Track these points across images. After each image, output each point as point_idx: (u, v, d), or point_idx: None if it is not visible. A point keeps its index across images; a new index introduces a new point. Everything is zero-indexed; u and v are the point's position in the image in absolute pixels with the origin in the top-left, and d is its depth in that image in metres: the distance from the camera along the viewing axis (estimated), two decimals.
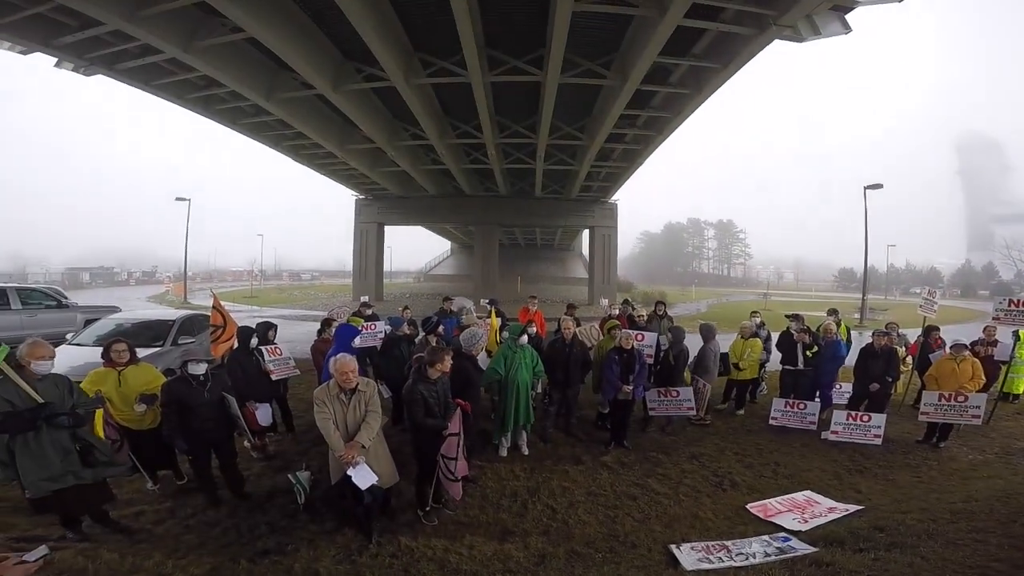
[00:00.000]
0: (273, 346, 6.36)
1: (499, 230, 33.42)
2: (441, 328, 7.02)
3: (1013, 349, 8.14)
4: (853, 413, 6.67)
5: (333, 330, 7.01)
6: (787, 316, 8.31)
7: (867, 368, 7.12)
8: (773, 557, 3.61)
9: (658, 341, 7.39)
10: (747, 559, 3.61)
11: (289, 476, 4.54)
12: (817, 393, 7.38)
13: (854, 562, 3.29)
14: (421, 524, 4.31)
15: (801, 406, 7.03)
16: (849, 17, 11.06)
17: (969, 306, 38.01)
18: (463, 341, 5.46)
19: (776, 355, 8.02)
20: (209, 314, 7.28)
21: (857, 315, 22.70)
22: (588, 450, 6.15)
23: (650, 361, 7.16)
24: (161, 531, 4.14)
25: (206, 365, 4.62)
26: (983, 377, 6.68)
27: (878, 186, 22.60)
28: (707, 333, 7.46)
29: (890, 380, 7.09)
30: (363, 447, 3.91)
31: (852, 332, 9.37)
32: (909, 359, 8.72)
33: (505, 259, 38.09)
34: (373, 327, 7.19)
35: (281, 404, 6.55)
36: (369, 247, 31.64)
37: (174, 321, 8.47)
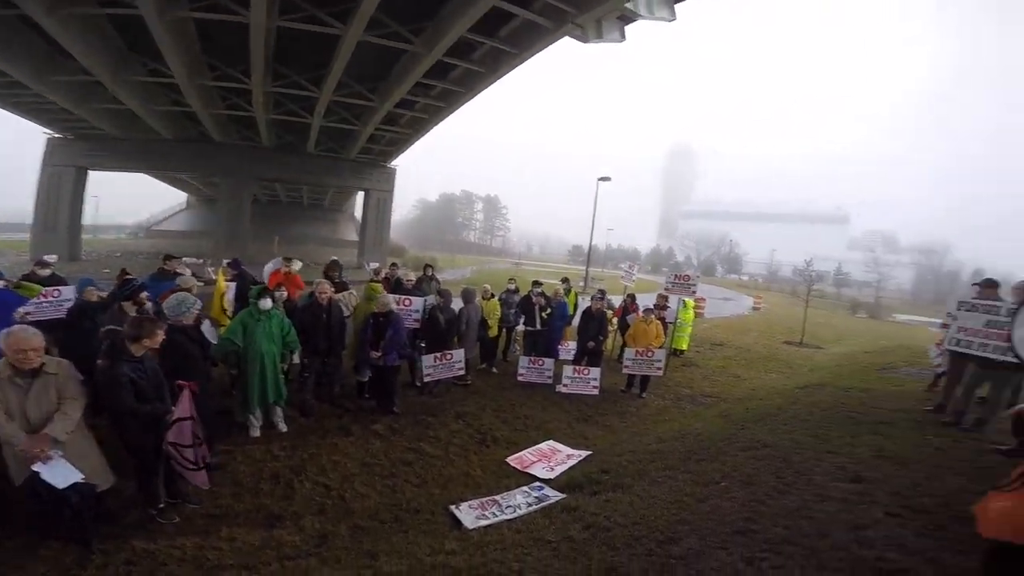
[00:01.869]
0: None
1: (255, 184, 29.33)
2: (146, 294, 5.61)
3: (677, 313, 10.56)
4: (577, 368, 7.95)
5: None
6: (534, 283, 9.24)
7: (587, 328, 8.44)
8: (535, 506, 4.06)
9: (424, 304, 7.38)
10: (515, 511, 3.99)
11: None
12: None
13: (593, 505, 3.87)
14: (158, 524, 3.62)
15: (540, 362, 8.02)
16: (628, 29, 13.01)
17: (657, 279, 48.48)
18: (167, 309, 4.47)
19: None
20: None
21: (583, 283, 27.14)
22: (357, 420, 5.93)
23: (416, 326, 7.18)
24: None
25: None
26: (663, 336, 8.63)
27: (607, 179, 27.11)
28: (466, 296, 7.81)
29: (601, 339, 8.51)
30: (57, 441, 3.09)
31: (579, 298, 11.04)
32: (615, 320, 10.57)
33: (262, 217, 34.08)
34: (56, 293, 5.63)
35: None
36: (62, 195, 24.72)
37: None
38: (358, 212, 39.96)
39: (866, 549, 2.75)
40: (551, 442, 5.81)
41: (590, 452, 5.54)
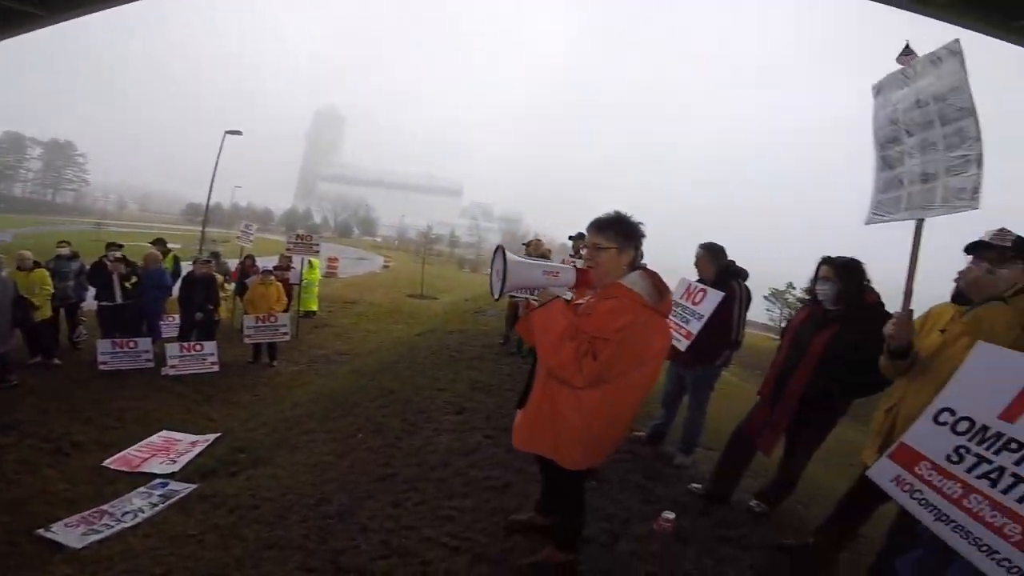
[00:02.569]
0: None
1: None
2: None
3: (301, 273, 10.08)
4: (186, 344, 6.94)
5: None
6: (108, 246, 7.30)
7: (191, 297, 7.37)
8: (161, 505, 3.55)
9: None
10: (136, 516, 3.44)
11: None
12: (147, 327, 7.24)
13: (233, 487, 3.57)
14: None
15: (131, 344, 6.68)
16: None
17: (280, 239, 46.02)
18: None
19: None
20: None
21: (200, 246, 23.53)
22: None
23: None
24: None
25: None
26: (286, 298, 8.29)
27: (237, 132, 23.84)
28: None
29: (211, 307, 7.54)
30: None
31: (184, 263, 9.04)
32: (232, 285, 9.77)
33: None
34: None
35: None
36: None
37: None
38: None
39: (477, 471, 3.29)
40: (165, 433, 5.06)
41: (219, 434, 5.07)
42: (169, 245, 8.82)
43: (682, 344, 3.47)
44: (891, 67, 2.24)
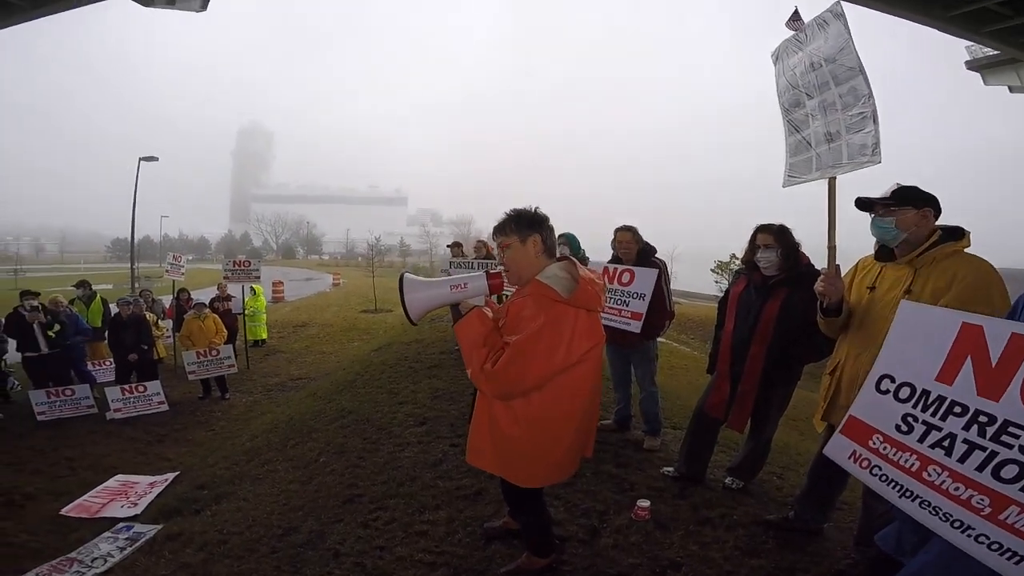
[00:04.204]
0: None
1: None
2: None
3: (244, 303, 9.80)
4: (127, 386, 6.68)
5: None
6: (23, 294, 6.89)
7: (121, 340, 7.12)
8: (129, 548, 3.46)
9: None
10: (106, 561, 3.34)
11: None
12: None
13: (199, 524, 3.42)
14: None
15: (69, 392, 6.51)
16: None
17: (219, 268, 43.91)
18: None
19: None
20: None
21: (136, 284, 22.25)
22: None
23: None
24: None
25: None
26: (225, 330, 7.97)
27: (153, 159, 22.40)
28: None
29: (145, 347, 7.25)
30: None
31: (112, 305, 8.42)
32: (168, 323, 9.42)
33: None
34: None
35: None
36: None
37: None
38: None
39: (446, 481, 3.23)
40: (120, 476, 4.91)
41: (177, 472, 4.91)
42: (98, 286, 8.39)
43: (633, 326, 3.51)
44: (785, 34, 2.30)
